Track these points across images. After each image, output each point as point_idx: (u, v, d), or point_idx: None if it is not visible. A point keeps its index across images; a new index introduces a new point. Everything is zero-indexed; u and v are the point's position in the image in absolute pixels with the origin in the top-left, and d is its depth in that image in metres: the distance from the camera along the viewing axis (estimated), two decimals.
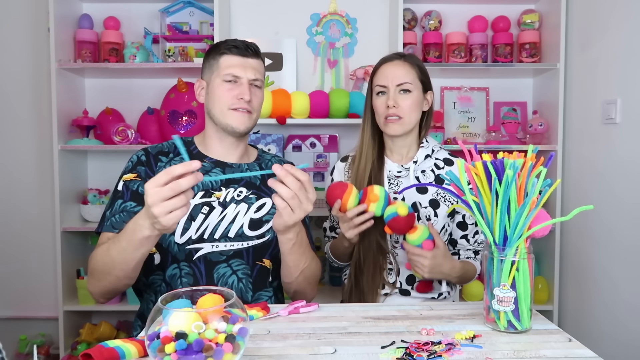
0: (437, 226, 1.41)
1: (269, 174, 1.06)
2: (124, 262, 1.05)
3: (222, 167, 1.29)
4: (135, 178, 1.24)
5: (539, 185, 0.94)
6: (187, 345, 0.67)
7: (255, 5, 2.36)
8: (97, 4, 2.34)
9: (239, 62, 1.26)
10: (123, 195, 1.23)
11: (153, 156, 1.27)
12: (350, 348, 0.88)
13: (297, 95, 2.11)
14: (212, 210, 1.23)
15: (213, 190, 1.25)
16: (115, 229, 1.18)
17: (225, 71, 1.25)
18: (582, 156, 2.03)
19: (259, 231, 1.26)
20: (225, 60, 1.26)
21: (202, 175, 0.90)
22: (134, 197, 1.22)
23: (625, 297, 1.74)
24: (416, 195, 1.43)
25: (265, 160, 1.38)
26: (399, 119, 1.39)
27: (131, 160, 1.28)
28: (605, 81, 1.87)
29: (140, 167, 1.25)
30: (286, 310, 1.05)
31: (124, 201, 1.22)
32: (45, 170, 2.32)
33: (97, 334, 2.18)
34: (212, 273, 1.21)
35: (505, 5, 2.33)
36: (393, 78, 1.40)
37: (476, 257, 1.48)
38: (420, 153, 1.46)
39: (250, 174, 1.00)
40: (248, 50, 1.27)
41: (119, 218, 1.20)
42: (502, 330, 0.96)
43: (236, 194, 1.27)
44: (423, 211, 1.41)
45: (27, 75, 2.35)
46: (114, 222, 1.20)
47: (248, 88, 1.25)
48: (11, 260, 2.37)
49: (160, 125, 2.24)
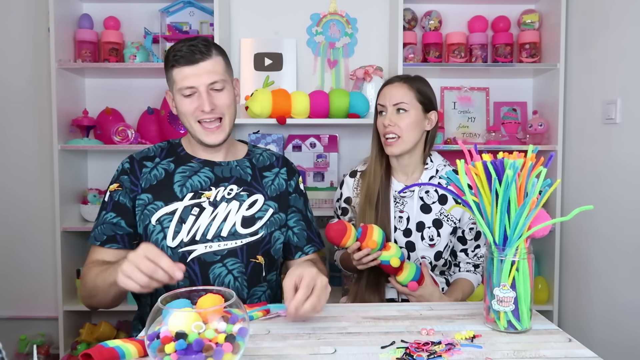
0: (439, 245, 1.47)
1: None
2: (105, 292, 1.12)
3: (211, 166, 1.28)
4: (117, 188, 1.25)
5: (539, 186, 0.94)
6: (187, 345, 0.67)
7: (255, 5, 2.36)
8: (97, 4, 2.34)
9: (189, 71, 1.18)
10: (107, 206, 1.25)
11: (137, 162, 1.27)
12: (350, 348, 0.88)
13: (297, 95, 2.11)
14: (203, 210, 1.22)
15: (202, 191, 1.24)
16: (97, 241, 1.22)
17: (179, 85, 1.19)
18: (582, 156, 2.03)
19: (252, 228, 1.25)
20: (177, 74, 1.19)
21: (176, 280, 0.95)
22: (115, 208, 1.23)
23: (625, 297, 1.74)
24: (421, 215, 1.48)
25: (255, 155, 1.36)
26: (397, 138, 1.44)
27: (117, 169, 1.29)
28: (605, 81, 1.87)
29: (124, 177, 1.25)
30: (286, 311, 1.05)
31: (107, 212, 1.24)
32: (45, 170, 2.32)
33: (97, 334, 2.18)
34: (208, 274, 1.21)
35: (505, 5, 2.33)
36: (390, 98, 1.47)
37: (476, 270, 1.53)
38: (424, 175, 1.51)
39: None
40: (195, 54, 1.17)
41: (99, 230, 1.23)
42: (502, 330, 0.96)
43: (226, 192, 1.26)
44: (427, 231, 1.47)
45: (27, 75, 2.34)
46: (96, 234, 1.23)
47: (206, 97, 1.18)
48: (11, 260, 2.37)
49: (160, 125, 2.24)
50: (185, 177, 1.25)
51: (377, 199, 1.47)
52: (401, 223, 1.47)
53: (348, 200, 1.56)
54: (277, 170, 1.35)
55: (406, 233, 1.47)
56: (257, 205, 1.27)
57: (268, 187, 1.31)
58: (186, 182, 1.25)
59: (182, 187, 1.24)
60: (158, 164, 1.27)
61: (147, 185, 1.24)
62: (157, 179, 1.25)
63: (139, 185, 1.24)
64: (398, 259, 1.30)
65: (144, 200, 1.23)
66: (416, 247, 1.46)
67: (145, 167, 1.27)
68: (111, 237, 1.22)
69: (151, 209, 1.22)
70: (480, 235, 1.50)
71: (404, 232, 1.47)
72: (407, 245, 1.47)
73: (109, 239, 1.22)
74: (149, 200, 1.23)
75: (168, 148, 1.32)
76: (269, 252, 1.27)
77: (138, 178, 1.25)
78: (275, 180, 1.33)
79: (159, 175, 1.25)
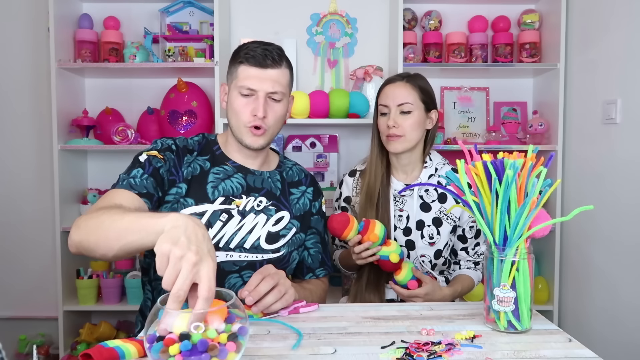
0: (439, 243, 1.48)
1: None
2: (114, 241, 0.87)
3: (245, 173, 1.25)
4: (158, 156, 1.16)
5: (539, 186, 0.94)
6: (192, 346, 0.67)
7: (255, 5, 2.36)
8: (97, 4, 2.34)
9: (255, 73, 1.18)
10: (145, 167, 1.14)
11: (182, 149, 1.22)
12: (350, 348, 0.88)
13: (297, 95, 2.11)
14: (231, 218, 1.20)
15: (233, 197, 1.21)
16: (134, 189, 1.09)
17: (241, 83, 1.18)
18: (582, 156, 2.03)
19: (275, 245, 1.24)
20: (243, 71, 1.19)
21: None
22: (154, 174, 1.14)
23: (625, 297, 1.74)
24: (420, 214, 1.48)
25: (286, 168, 1.35)
26: (400, 136, 1.44)
27: (160, 141, 1.21)
28: (605, 81, 1.87)
29: (169, 154, 1.18)
30: (286, 311, 1.05)
31: (146, 173, 1.13)
32: (45, 170, 2.32)
33: (97, 334, 2.18)
34: (224, 283, 1.19)
35: (505, 5, 2.33)
36: (394, 98, 1.46)
37: (476, 267, 1.53)
38: (424, 174, 1.51)
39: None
40: (267, 59, 1.17)
41: (139, 182, 1.11)
42: (502, 330, 0.96)
43: (256, 203, 1.23)
44: (427, 229, 1.47)
45: (27, 75, 2.34)
46: (133, 184, 1.10)
47: (263, 103, 1.18)
48: (11, 260, 2.37)
49: (160, 125, 2.24)
50: (219, 180, 1.22)
51: (378, 198, 1.47)
52: (401, 222, 1.48)
53: (347, 200, 1.56)
54: (304, 189, 1.34)
55: (406, 232, 1.47)
56: (283, 222, 1.26)
57: (294, 205, 1.30)
58: (219, 184, 1.21)
59: (215, 189, 1.20)
60: (195, 158, 1.23)
61: (186, 177, 1.19)
62: (192, 174, 1.20)
63: (181, 172, 1.19)
64: (397, 255, 1.30)
65: (181, 191, 1.17)
66: (416, 245, 1.47)
67: (188, 156, 1.22)
68: (150, 194, 1.10)
69: (183, 203, 1.17)
70: (480, 233, 1.51)
71: (404, 230, 1.47)
72: (407, 244, 1.47)
73: (148, 194, 1.10)
74: (183, 193, 1.18)
75: (205, 144, 1.27)
76: (285, 270, 1.23)
77: (181, 164, 1.20)
78: (301, 200, 1.32)
79: (194, 171, 1.21)
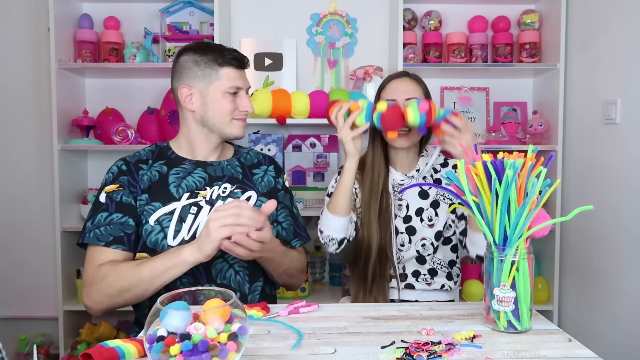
0: (439, 224, 1.50)
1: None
2: (152, 281, 1.13)
3: (203, 166, 1.32)
4: (118, 189, 1.25)
5: (539, 186, 0.94)
6: (193, 346, 0.67)
7: (255, 5, 2.36)
8: (97, 4, 2.34)
9: (239, 74, 1.30)
10: (107, 207, 1.23)
11: (133, 165, 1.29)
12: (350, 348, 0.88)
13: (297, 95, 2.11)
14: (201, 209, 1.25)
15: (198, 190, 1.27)
16: (100, 242, 1.19)
17: (228, 84, 1.27)
18: (582, 156, 2.03)
19: None
20: (228, 73, 1.28)
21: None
22: (119, 208, 1.23)
23: (625, 297, 1.74)
24: (419, 202, 1.51)
25: (242, 154, 1.41)
26: (407, 132, 1.45)
27: (111, 171, 1.29)
28: (605, 81, 1.87)
29: (123, 177, 1.26)
30: (286, 310, 1.06)
31: (110, 213, 1.22)
32: (45, 170, 2.32)
33: (97, 334, 2.18)
34: (210, 269, 1.24)
35: (505, 5, 2.33)
36: (403, 92, 1.47)
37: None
38: (421, 162, 1.54)
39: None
40: (244, 61, 1.32)
41: (104, 231, 1.20)
42: (502, 330, 0.96)
43: (221, 190, 1.29)
44: (425, 212, 1.50)
45: (27, 75, 2.34)
46: (99, 234, 1.20)
47: (248, 98, 1.31)
48: (11, 260, 2.37)
49: (160, 125, 2.24)
50: (180, 178, 1.28)
51: (381, 192, 1.49)
52: (401, 210, 1.51)
53: None
54: (265, 168, 1.40)
55: (406, 219, 1.50)
56: (252, 200, 1.31)
57: (259, 184, 1.35)
58: (181, 182, 1.27)
59: (178, 187, 1.26)
60: (151, 166, 1.29)
61: (145, 187, 1.26)
62: (151, 181, 1.27)
63: (138, 186, 1.26)
64: (385, 103, 1.36)
65: (143, 201, 1.24)
66: (416, 229, 1.49)
67: (142, 169, 1.28)
68: (119, 237, 1.20)
69: (149, 210, 1.23)
70: None
71: (404, 219, 1.50)
72: (408, 230, 1.49)
73: (116, 239, 1.20)
74: (146, 201, 1.24)
75: (158, 151, 1.34)
76: None
77: (136, 180, 1.26)
78: (264, 177, 1.38)
79: (153, 178, 1.27)
